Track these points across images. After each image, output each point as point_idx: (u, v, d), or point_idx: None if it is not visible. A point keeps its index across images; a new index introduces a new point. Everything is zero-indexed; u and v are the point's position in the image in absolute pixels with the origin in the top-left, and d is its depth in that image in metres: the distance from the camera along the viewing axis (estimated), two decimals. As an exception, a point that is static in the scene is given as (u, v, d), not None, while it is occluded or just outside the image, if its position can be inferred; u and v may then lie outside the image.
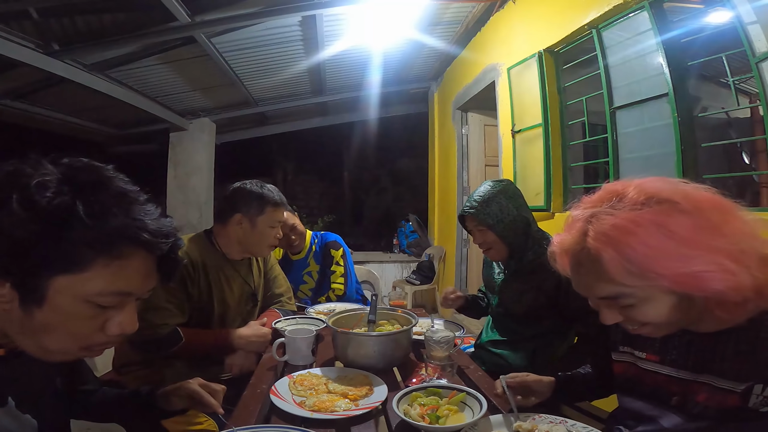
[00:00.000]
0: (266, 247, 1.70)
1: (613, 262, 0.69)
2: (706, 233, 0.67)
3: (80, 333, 0.63)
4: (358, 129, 6.80)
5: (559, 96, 2.75)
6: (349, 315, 1.55)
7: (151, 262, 0.65)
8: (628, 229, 0.68)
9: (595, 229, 0.72)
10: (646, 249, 0.67)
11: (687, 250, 0.66)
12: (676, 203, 0.69)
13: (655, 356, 0.85)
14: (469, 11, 3.57)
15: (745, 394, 0.69)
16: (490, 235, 1.57)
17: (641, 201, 0.71)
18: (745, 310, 0.69)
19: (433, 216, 5.53)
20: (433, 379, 1.18)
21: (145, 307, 1.43)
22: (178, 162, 5.35)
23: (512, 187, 1.61)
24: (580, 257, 0.75)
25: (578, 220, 0.77)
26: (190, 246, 1.57)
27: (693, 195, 0.71)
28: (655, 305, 0.71)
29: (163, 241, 0.64)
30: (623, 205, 0.72)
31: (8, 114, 4.38)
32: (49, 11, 2.72)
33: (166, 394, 0.98)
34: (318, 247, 2.44)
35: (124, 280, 0.62)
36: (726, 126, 2.83)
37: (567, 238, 0.78)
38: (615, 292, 0.72)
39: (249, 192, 1.63)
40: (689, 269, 0.65)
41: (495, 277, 1.72)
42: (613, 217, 0.71)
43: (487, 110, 4.31)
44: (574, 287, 0.80)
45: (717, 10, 1.82)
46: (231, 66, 3.88)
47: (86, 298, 0.60)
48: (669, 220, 0.67)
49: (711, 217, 0.68)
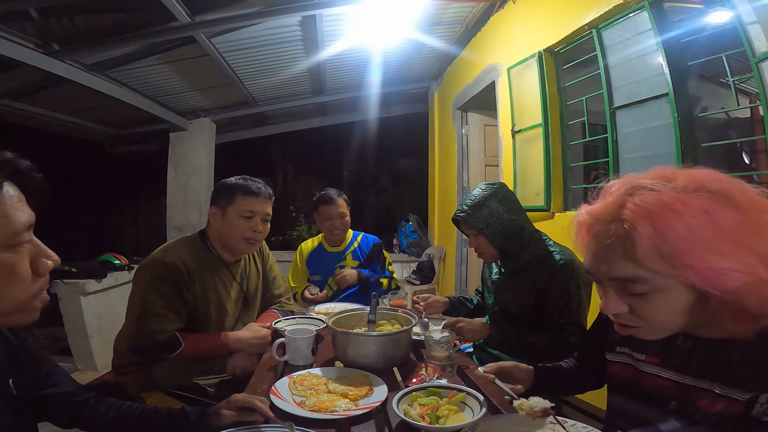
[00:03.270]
0: (240, 240, 1.59)
1: (647, 240, 0.64)
2: (749, 232, 0.63)
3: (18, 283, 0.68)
4: (358, 129, 6.80)
5: (559, 96, 2.75)
6: (349, 315, 1.55)
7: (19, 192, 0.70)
8: (675, 208, 0.63)
9: (636, 201, 0.66)
10: (687, 232, 0.62)
11: (725, 245, 0.62)
12: (729, 196, 0.64)
13: (656, 358, 0.82)
14: (469, 11, 3.57)
15: (749, 403, 0.67)
16: (481, 238, 1.58)
17: (693, 187, 0.65)
18: (756, 326, 0.66)
19: (433, 216, 5.53)
20: (433, 379, 1.17)
21: (142, 314, 1.43)
22: (178, 162, 5.35)
23: (504, 190, 1.60)
24: (609, 229, 0.68)
25: (615, 191, 0.70)
26: (184, 250, 1.55)
27: (749, 194, 0.66)
28: (669, 299, 0.67)
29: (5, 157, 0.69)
30: (672, 186, 0.66)
31: (8, 114, 4.37)
32: (49, 11, 2.72)
33: (217, 411, 0.97)
34: (363, 246, 2.47)
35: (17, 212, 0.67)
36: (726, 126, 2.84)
37: (599, 206, 0.72)
38: (634, 274, 0.67)
39: (224, 183, 1.63)
40: (719, 264, 0.62)
41: (492, 276, 1.74)
42: (659, 193, 0.65)
43: (487, 110, 4.31)
44: (587, 265, 0.74)
45: (717, 10, 1.82)
46: (231, 66, 3.88)
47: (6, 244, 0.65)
48: (718, 210, 0.63)
49: (759, 219, 0.64)
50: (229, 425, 0.95)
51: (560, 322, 1.47)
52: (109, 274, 3.48)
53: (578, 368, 1.13)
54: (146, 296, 1.44)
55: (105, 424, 0.98)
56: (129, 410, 1.00)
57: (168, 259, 1.49)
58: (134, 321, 1.45)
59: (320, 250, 2.47)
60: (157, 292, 1.45)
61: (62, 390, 0.96)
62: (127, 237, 7.57)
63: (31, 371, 0.90)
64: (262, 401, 0.98)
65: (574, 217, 0.77)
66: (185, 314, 1.52)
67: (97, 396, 1.02)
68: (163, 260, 1.48)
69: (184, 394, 1.49)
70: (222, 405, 0.98)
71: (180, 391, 1.50)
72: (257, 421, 0.97)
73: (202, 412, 0.98)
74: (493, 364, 1.08)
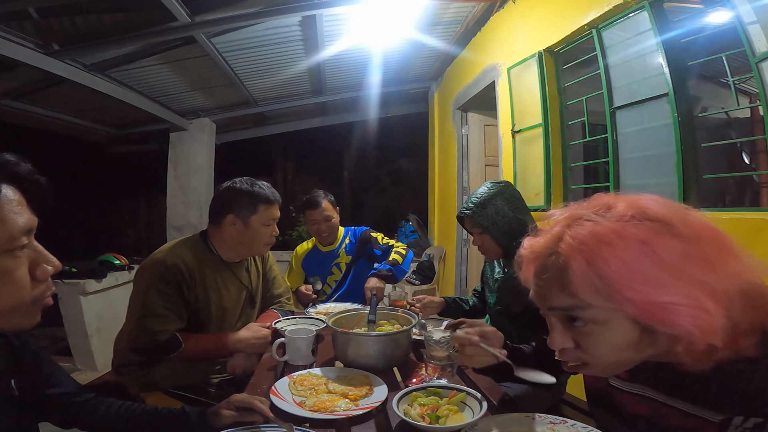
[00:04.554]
0: (263, 246, 1.67)
1: (581, 274, 0.62)
2: (694, 264, 0.59)
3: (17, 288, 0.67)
4: (358, 129, 6.80)
5: (559, 96, 2.75)
6: (349, 315, 1.56)
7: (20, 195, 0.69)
8: (608, 240, 0.61)
9: (572, 234, 0.64)
10: (621, 266, 0.59)
11: (666, 277, 0.59)
12: (670, 225, 0.61)
13: (625, 374, 0.77)
14: (469, 11, 3.57)
15: (722, 425, 0.63)
16: (485, 236, 1.59)
17: (630, 214, 0.63)
18: (712, 358, 0.61)
19: (433, 216, 5.53)
20: (433, 379, 1.18)
21: (143, 314, 1.43)
22: (178, 162, 5.35)
23: (509, 189, 1.61)
24: (547, 263, 0.67)
25: (557, 224, 0.69)
26: (185, 250, 1.55)
27: (693, 222, 0.63)
28: (610, 333, 0.64)
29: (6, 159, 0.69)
30: (610, 215, 0.64)
31: (8, 114, 4.38)
32: (49, 11, 2.72)
33: (217, 411, 0.97)
34: (353, 239, 2.49)
35: (15, 215, 0.66)
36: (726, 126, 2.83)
37: (539, 241, 0.71)
38: (571, 304, 0.65)
39: (240, 191, 1.59)
40: (660, 298, 0.58)
41: (494, 275, 1.74)
42: (594, 224, 0.63)
43: (487, 110, 4.31)
44: (531, 296, 0.73)
45: (717, 10, 1.82)
46: (231, 66, 3.88)
47: (2, 249, 0.65)
48: (656, 240, 0.60)
49: (705, 249, 0.61)
50: (229, 425, 0.95)
51: None
52: (109, 274, 3.49)
53: (536, 355, 1.12)
54: (147, 296, 1.44)
55: (105, 424, 0.98)
56: (129, 410, 1.00)
57: (169, 259, 1.49)
58: (135, 321, 1.45)
59: (315, 251, 2.49)
60: (158, 293, 1.45)
61: (63, 390, 0.96)
62: (127, 237, 7.57)
63: (33, 372, 0.90)
64: (261, 401, 0.98)
65: (518, 253, 0.76)
66: (186, 314, 1.52)
67: (97, 396, 1.01)
68: (164, 260, 1.48)
69: (184, 394, 1.50)
70: (222, 405, 0.98)
71: (180, 391, 1.50)
72: (257, 422, 0.97)
73: (202, 412, 0.98)
74: (476, 328, 1.06)
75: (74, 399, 0.97)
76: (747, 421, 0.61)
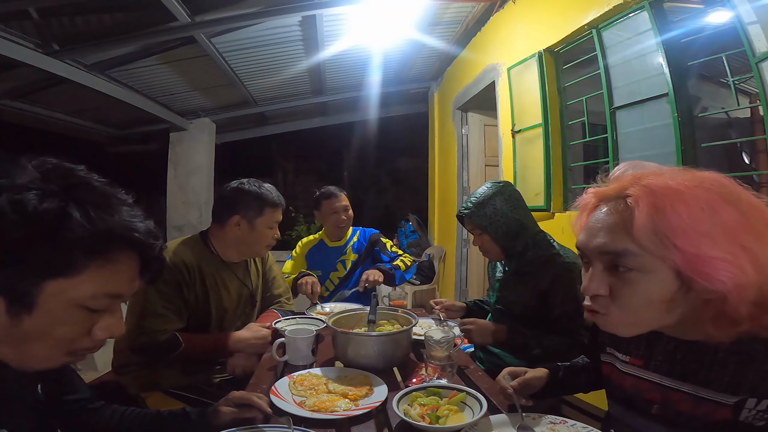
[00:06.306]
0: (263, 248, 1.69)
1: (646, 217, 0.65)
2: (745, 233, 0.64)
3: (68, 338, 0.61)
4: (358, 129, 6.79)
5: (559, 96, 2.75)
6: (349, 315, 1.56)
7: (136, 264, 0.66)
8: (677, 194, 0.65)
9: (644, 183, 0.68)
10: (684, 217, 0.63)
11: (719, 236, 0.63)
12: (734, 198, 0.66)
13: (639, 360, 0.81)
14: (469, 11, 3.57)
15: (736, 408, 0.65)
16: (485, 236, 1.59)
17: (701, 182, 0.67)
18: (735, 330, 0.65)
19: (433, 216, 5.53)
20: (433, 379, 1.18)
21: (143, 314, 1.43)
22: (178, 162, 5.35)
23: (509, 189, 1.60)
24: (612, 206, 0.71)
25: (625, 175, 0.73)
26: (185, 250, 1.55)
27: (750, 200, 0.68)
28: (651, 282, 0.67)
29: (153, 242, 0.65)
30: (683, 177, 0.68)
31: (8, 114, 4.38)
32: (49, 11, 2.72)
33: (216, 408, 0.97)
34: (362, 238, 2.49)
35: (115, 283, 0.62)
36: (726, 126, 2.83)
37: (606, 188, 0.74)
38: (624, 248, 0.67)
39: (247, 192, 1.60)
40: (708, 252, 0.62)
41: (497, 275, 1.74)
42: (669, 178, 0.68)
43: (487, 110, 4.31)
44: (579, 242, 0.75)
45: (717, 10, 1.82)
46: (231, 66, 3.88)
47: (79, 303, 0.59)
48: (720, 205, 0.64)
49: (757, 224, 0.65)
50: (229, 422, 0.95)
51: (571, 325, 1.45)
52: (109, 274, 3.48)
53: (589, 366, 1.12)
54: (147, 296, 1.44)
55: (109, 430, 0.98)
56: (132, 415, 0.99)
57: (169, 259, 1.49)
58: (135, 321, 1.45)
59: (321, 245, 2.49)
60: (157, 292, 1.45)
61: (80, 396, 0.96)
62: (127, 237, 7.55)
63: (57, 377, 0.89)
64: (259, 397, 0.99)
65: (579, 199, 0.79)
66: (186, 314, 1.52)
67: (105, 403, 1.01)
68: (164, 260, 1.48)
69: (184, 394, 1.49)
70: (220, 402, 0.98)
71: (180, 391, 1.50)
72: (256, 419, 0.97)
73: (203, 412, 0.98)
74: (519, 379, 1.05)
75: (89, 405, 0.97)
76: (760, 403, 0.63)
